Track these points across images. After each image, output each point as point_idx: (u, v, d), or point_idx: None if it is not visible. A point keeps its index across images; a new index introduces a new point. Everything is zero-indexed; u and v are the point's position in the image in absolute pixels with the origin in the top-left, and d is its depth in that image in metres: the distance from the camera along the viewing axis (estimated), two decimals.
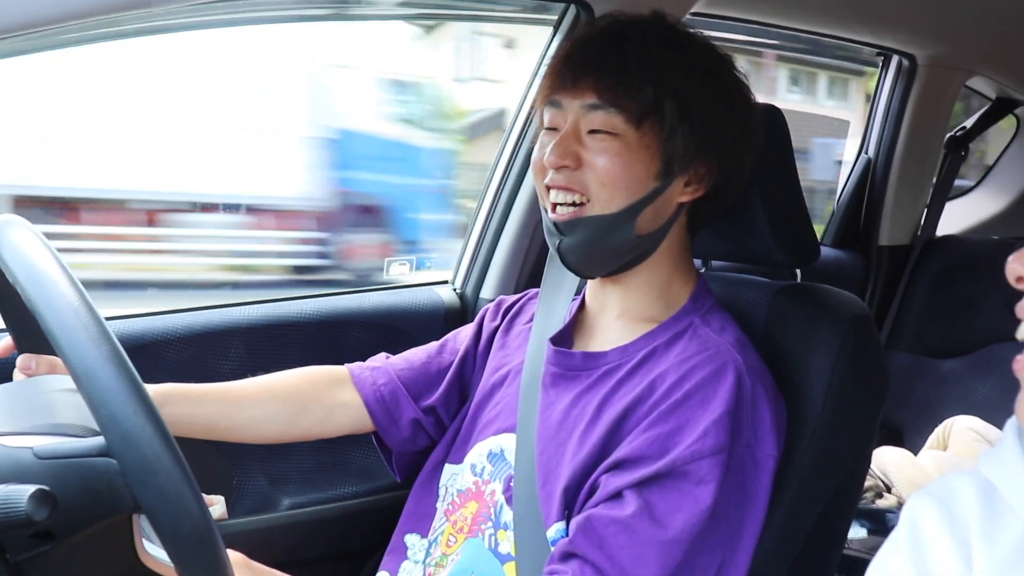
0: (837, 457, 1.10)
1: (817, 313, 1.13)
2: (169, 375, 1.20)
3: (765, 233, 1.15)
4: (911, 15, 2.06)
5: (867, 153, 2.42)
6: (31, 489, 0.70)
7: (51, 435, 0.81)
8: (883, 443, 2.15)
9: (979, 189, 2.86)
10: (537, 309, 1.23)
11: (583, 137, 1.07)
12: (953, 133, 2.53)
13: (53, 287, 0.76)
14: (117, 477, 0.74)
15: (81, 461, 0.76)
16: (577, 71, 1.07)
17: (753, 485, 1.01)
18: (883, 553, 0.74)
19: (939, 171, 2.52)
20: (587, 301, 1.21)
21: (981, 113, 2.55)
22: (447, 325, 1.66)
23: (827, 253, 2.38)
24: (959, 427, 2.06)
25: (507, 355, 1.25)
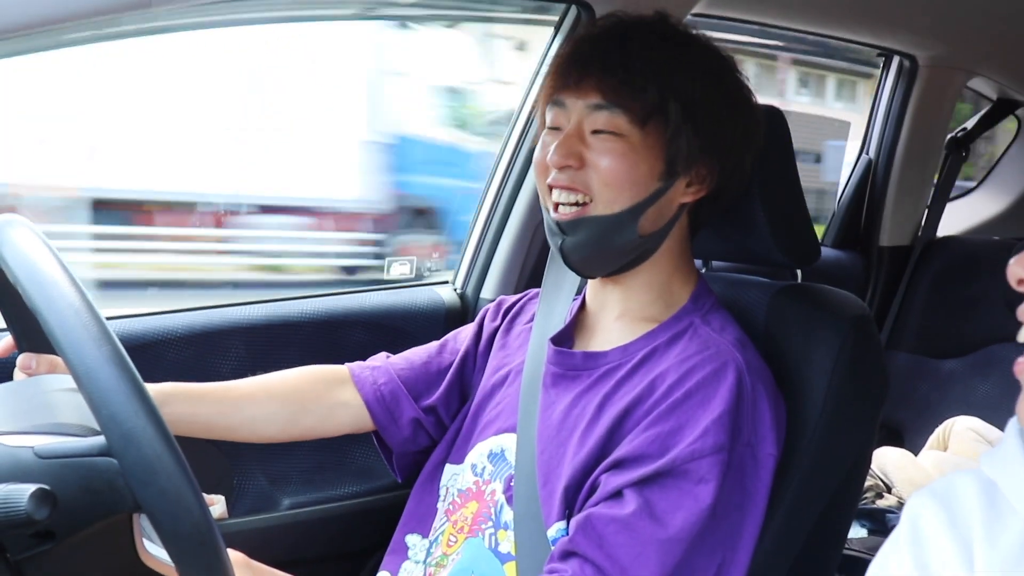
0: (837, 457, 1.10)
1: (817, 313, 1.13)
2: (169, 375, 1.20)
3: (765, 233, 1.15)
4: (912, 16, 2.06)
5: (868, 154, 2.42)
6: (31, 488, 0.70)
7: (52, 435, 0.81)
8: (883, 443, 2.15)
9: (980, 190, 2.86)
10: (538, 309, 1.23)
11: (587, 137, 1.07)
12: (954, 134, 2.52)
13: (54, 287, 0.76)
14: (118, 477, 0.74)
15: (82, 461, 0.76)
16: (581, 71, 1.07)
17: (753, 484, 1.01)
18: (884, 552, 0.74)
19: (940, 172, 2.52)
20: (587, 301, 1.21)
21: (982, 114, 2.55)
22: (447, 325, 1.66)
23: (827, 253, 2.37)
24: (959, 427, 2.06)
25: (508, 355, 1.25)
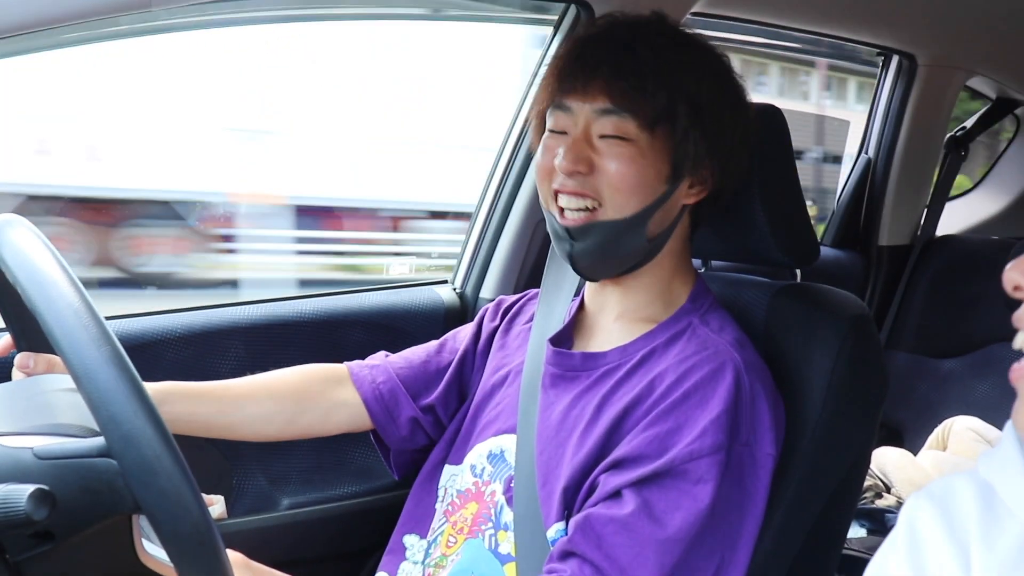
0: (837, 457, 1.10)
1: (817, 313, 1.13)
2: (169, 375, 1.20)
3: (765, 233, 1.15)
4: (911, 15, 2.06)
5: (867, 153, 2.42)
6: (30, 488, 0.70)
7: (51, 435, 0.81)
8: (883, 443, 2.15)
9: (979, 189, 2.86)
10: (537, 310, 1.23)
11: (594, 141, 1.06)
12: (953, 133, 2.52)
13: (53, 287, 0.76)
14: (117, 478, 0.74)
15: (81, 462, 0.76)
16: (588, 74, 1.05)
17: (752, 484, 1.01)
18: (881, 554, 0.74)
19: (939, 171, 2.52)
20: (587, 302, 1.20)
21: (981, 113, 2.55)
22: (447, 325, 1.66)
23: (827, 253, 2.37)
24: (959, 427, 2.06)
25: (507, 355, 1.24)
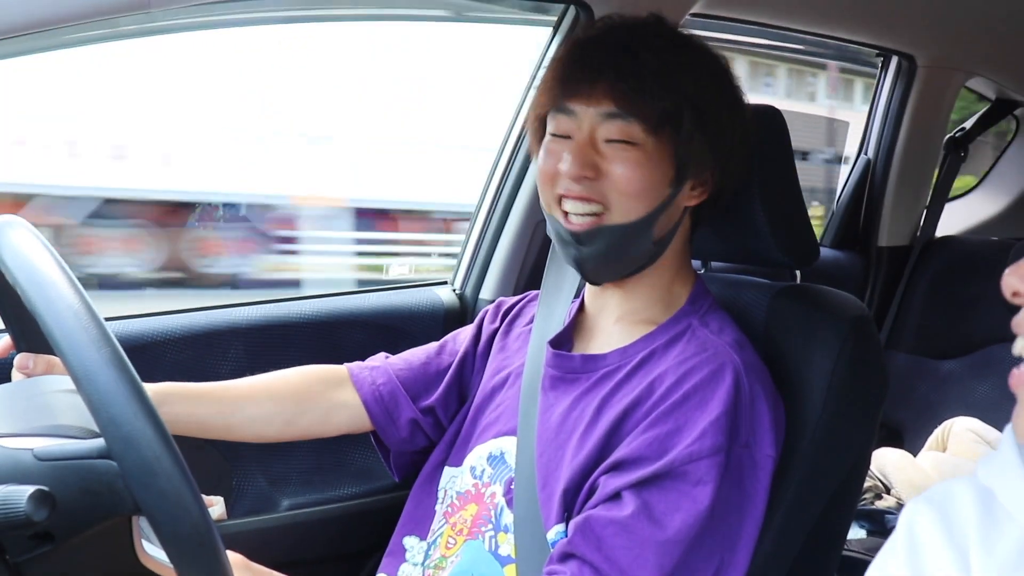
0: (837, 458, 1.10)
1: (817, 314, 1.13)
2: (168, 376, 1.20)
3: (765, 234, 1.15)
4: (910, 16, 2.06)
5: (867, 154, 2.42)
6: (30, 489, 0.70)
7: (51, 437, 0.81)
8: (883, 444, 2.15)
9: (978, 190, 2.86)
10: (537, 312, 1.23)
11: (599, 146, 1.05)
12: (952, 134, 2.53)
13: (53, 288, 0.76)
14: (117, 479, 0.74)
15: (81, 463, 0.76)
16: (592, 77, 1.05)
17: (751, 485, 1.01)
18: (881, 559, 0.74)
19: (939, 172, 2.52)
20: (587, 304, 1.20)
21: (980, 114, 2.55)
22: (447, 326, 1.66)
23: (827, 254, 2.37)
24: (958, 428, 2.06)
25: (507, 357, 1.24)
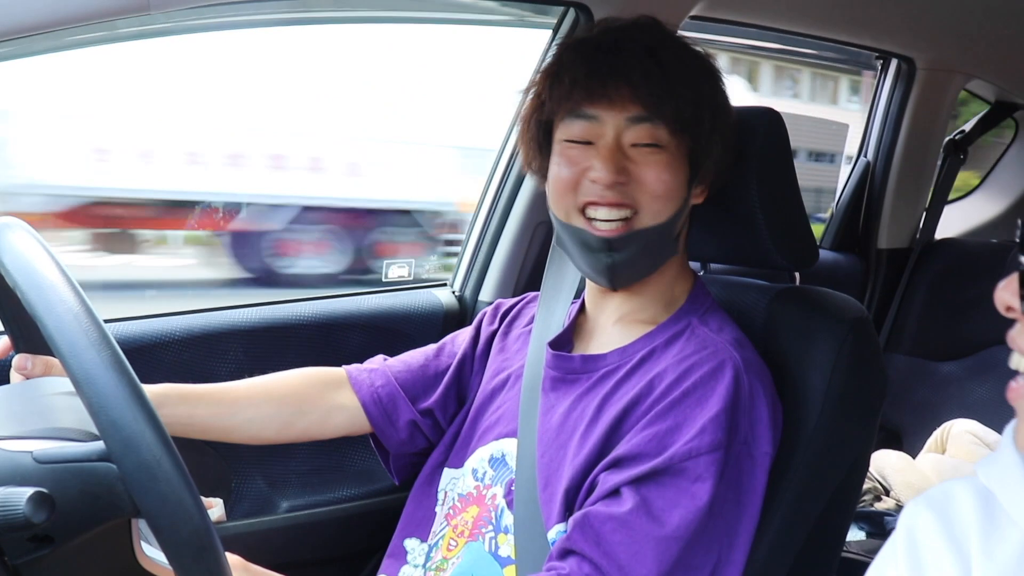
0: (836, 459, 1.10)
1: (816, 316, 1.13)
2: (167, 377, 1.19)
3: (764, 236, 1.16)
4: (910, 18, 2.06)
5: (866, 156, 2.42)
6: (29, 491, 0.70)
7: (51, 439, 0.81)
8: (882, 445, 2.15)
9: (978, 192, 2.86)
10: (537, 313, 1.23)
11: (627, 149, 1.06)
12: (952, 136, 2.53)
13: (52, 291, 0.76)
14: (117, 482, 0.74)
15: (81, 466, 0.76)
16: (618, 82, 1.05)
17: (749, 482, 1.02)
18: (880, 561, 0.73)
19: (938, 174, 2.52)
20: (587, 305, 1.21)
21: (980, 116, 2.55)
22: (445, 327, 1.66)
23: (826, 256, 2.37)
24: (957, 430, 2.06)
25: (507, 359, 1.25)
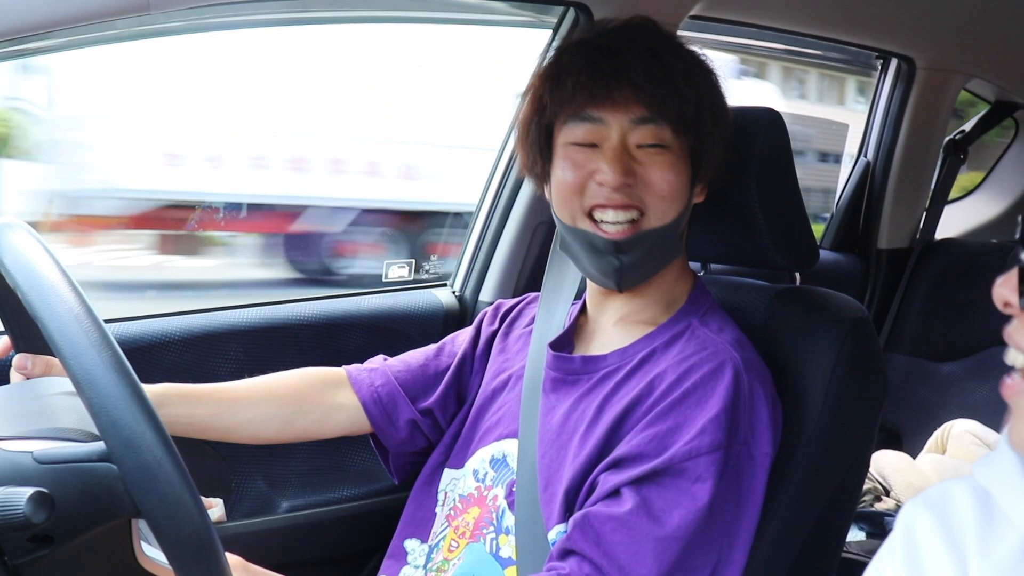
0: (836, 459, 1.10)
1: (816, 316, 1.13)
2: (168, 378, 1.19)
3: (764, 236, 1.16)
4: (910, 18, 2.06)
5: (866, 156, 2.42)
6: (30, 491, 0.70)
7: (51, 439, 0.81)
8: (882, 445, 2.15)
9: (978, 192, 2.86)
10: (537, 314, 1.23)
11: (632, 151, 1.06)
12: (952, 136, 2.52)
13: (53, 292, 0.76)
14: (117, 482, 0.74)
15: (81, 466, 0.76)
16: (621, 83, 1.05)
17: (749, 483, 1.02)
18: (878, 561, 0.73)
19: (938, 174, 2.52)
20: (588, 306, 1.21)
21: (980, 116, 2.55)
22: (446, 327, 1.66)
23: (826, 256, 2.37)
24: (957, 430, 2.06)
25: (507, 360, 1.25)
